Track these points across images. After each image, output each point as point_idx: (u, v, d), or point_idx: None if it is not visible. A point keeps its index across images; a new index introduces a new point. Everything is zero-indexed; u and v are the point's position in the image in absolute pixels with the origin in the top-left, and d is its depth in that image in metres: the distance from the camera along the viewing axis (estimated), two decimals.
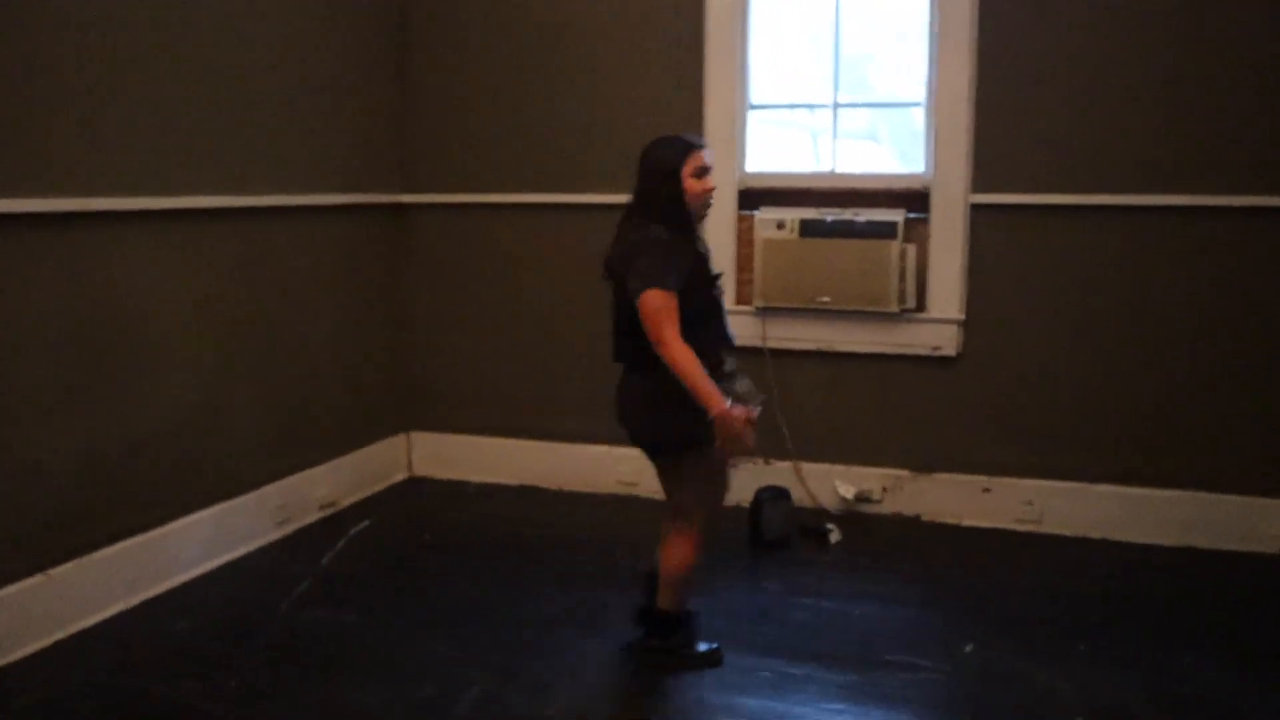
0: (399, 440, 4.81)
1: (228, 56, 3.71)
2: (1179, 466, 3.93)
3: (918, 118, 4.31)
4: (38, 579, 3.10)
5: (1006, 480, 4.12)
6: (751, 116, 4.35)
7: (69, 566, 3.19)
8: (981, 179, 4.01)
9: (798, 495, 4.25)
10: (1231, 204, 3.76)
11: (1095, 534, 4.01)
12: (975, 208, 4.03)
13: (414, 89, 4.66)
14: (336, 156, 4.30)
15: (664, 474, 2.99)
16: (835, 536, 4.02)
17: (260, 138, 3.87)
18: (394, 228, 4.70)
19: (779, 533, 3.96)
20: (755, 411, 2.68)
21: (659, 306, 2.64)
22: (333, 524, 4.20)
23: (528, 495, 4.61)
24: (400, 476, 4.82)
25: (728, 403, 2.59)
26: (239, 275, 3.82)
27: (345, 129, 4.35)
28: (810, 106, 4.43)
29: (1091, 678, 2.95)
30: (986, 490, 4.14)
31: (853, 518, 4.23)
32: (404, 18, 4.62)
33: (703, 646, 3.06)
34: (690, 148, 2.80)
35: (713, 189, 2.83)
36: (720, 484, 3.02)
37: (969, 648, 3.13)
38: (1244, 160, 3.75)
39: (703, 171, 2.79)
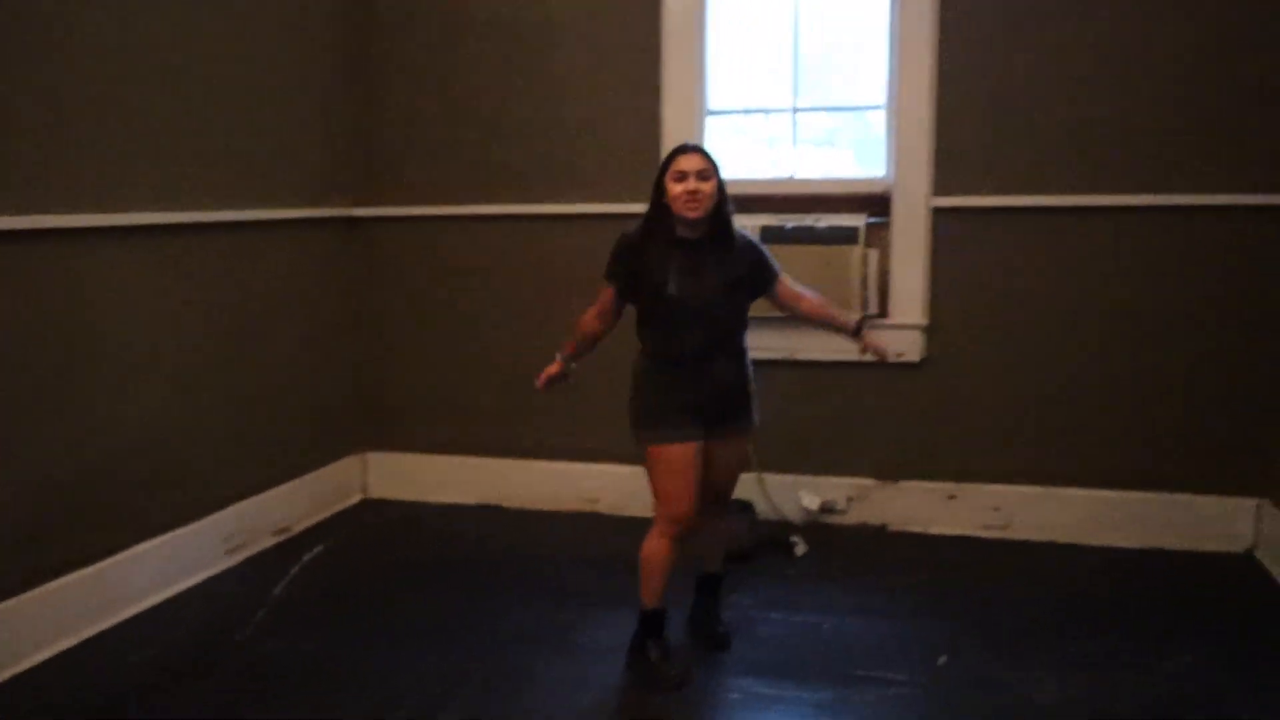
0: (354, 461, 4.68)
1: (187, 70, 3.60)
2: (1145, 468, 3.92)
3: (876, 122, 4.27)
4: None
5: (973, 486, 4.08)
6: (710, 122, 4.29)
7: (13, 602, 3.04)
8: (943, 182, 3.97)
9: (761, 508, 4.19)
10: (1194, 203, 3.75)
11: (1063, 538, 3.99)
12: (937, 211, 3.99)
13: (374, 101, 4.55)
14: (296, 170, 4.19)
15: None
16: (801, 549, 3.95)
17: (219, 151, 3.77)
18: (353, 242, 4.58)
19: (744, 547, 3.88)
20: (553, 368, 3.13)
21: (598, 291, 3.02)
22: (287, 550, 4.06)
23: (488, 514, 4.50)
24: (356, 499, 4.69)
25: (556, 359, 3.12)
26: (196, 293, 3.70)
27: (305, 142, 4.23)
28: (770, 111, 4.38)
29: (1072, 684, 2.91)
30: (952, 497, 4.10)
31: (818, 529, 4.17)
32: (363, 30, 4.51)
33: (655, 654, 3.00)
34: (675, 153, 2.89)
35: (691, 191, 2.81)
36: (675, 477, 2.89)
37: (943, 660, 3.08)
38: (1206, 159, 3.75)
39: (681, 175, 2.83)
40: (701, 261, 2.88)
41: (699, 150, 2.88)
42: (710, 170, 2.85)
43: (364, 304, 4.65)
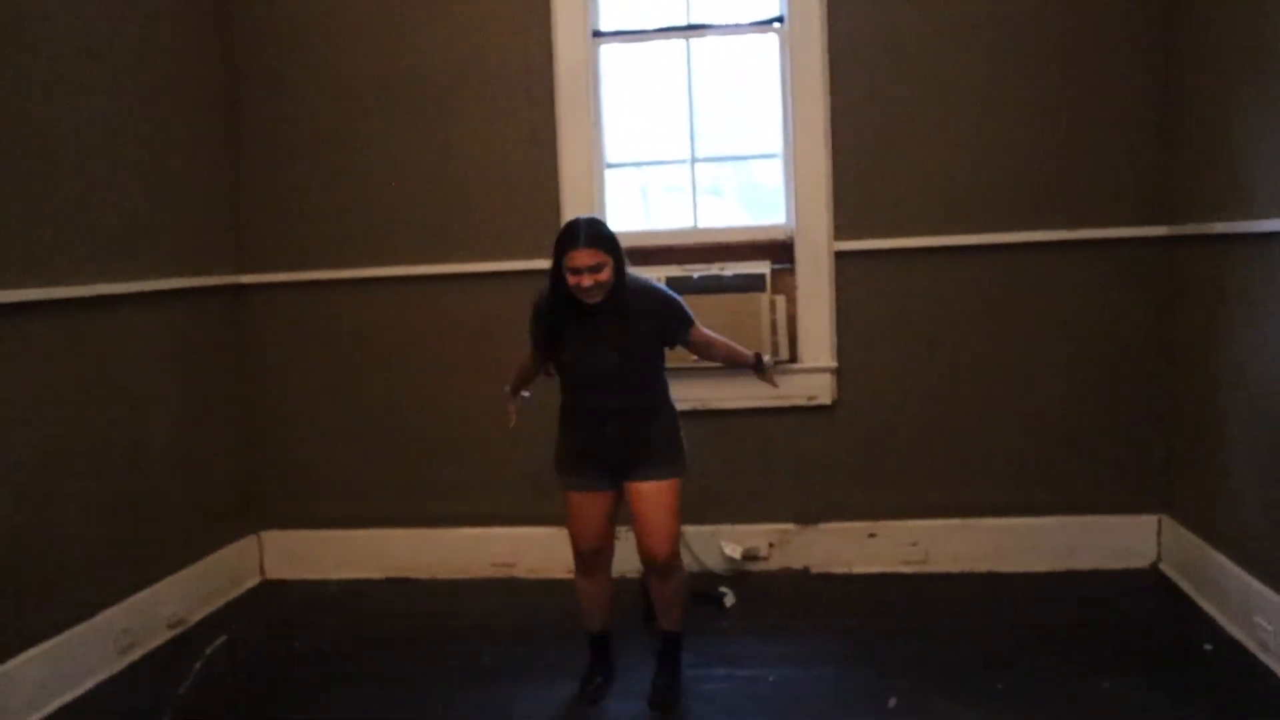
0: (249, 542, 4.40)
1: (46, 137, 3.34)
2: (1052, 494, 4.05)
3: (760, 170, 4.34)
4: None
5: (890, 523, 4.13)
6: (609, 175, 4.27)
7: None
8: (843, 227, 4.05)
9: (685, 561, 4.11)
10: (1082, 237, 3.93)
11: (981, 567, 4.07)
12: (839, 255, 4.06)
13: (246, 161, 4.34)
14: (165, 237, 3.93)
15: None
16: (730, 600, 3.91)
17: (82, 222, 3.49)
18: (231, 311, 4.34)
19: None
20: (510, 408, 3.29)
21: None
22: (184, 644, 3.77)
23: (397, 588, 4.29)
24: (253, 582, 4.40)
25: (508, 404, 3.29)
26: (61, 374, 3.39)
27: (173, 207, 3.98)
28: (667, 163, 4.39)
29: (1021, 715, 2.94)
30: (872, 535, 4.14)
31: (742, 577, 4.14)
32: (236, 88, 4.32)
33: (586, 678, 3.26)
34: (567, 240, 2.90)
35: (586, 286, 2.87)
36: (576, 519, 3.12)
37: (893, 702, 3.07)
38: (1094, 194, 3.93)
39: (574, 271, 2.87)
40: (601, 327, 2.95)
41: (591, 241, 2.85)
42: (603, 261, 2.86)
43: (250, 375, 4.41)
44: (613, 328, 2.95)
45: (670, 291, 3.11)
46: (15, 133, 3.22)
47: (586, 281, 2.86)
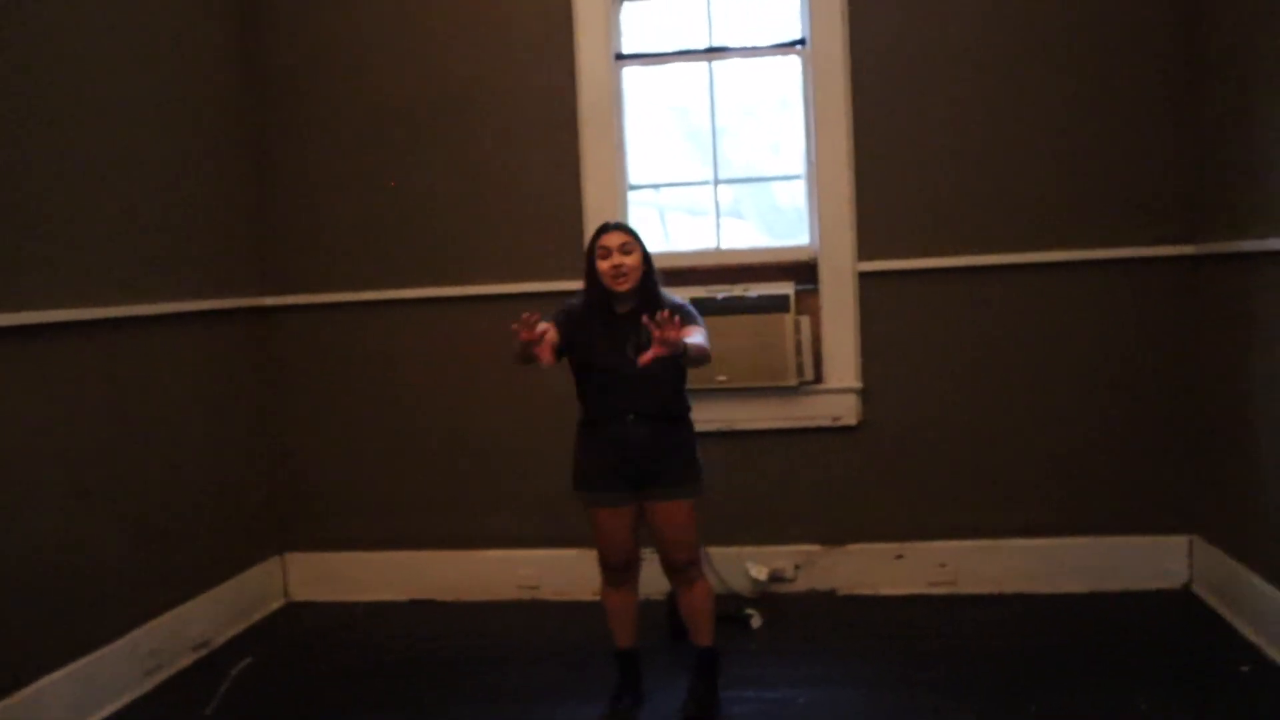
0: (273, 564, 4.40)
1: (74, 161, 3.37)
2: (1082, 514, 4.01)
3: (780, 192, 4.35)
4: None
5: (918, 544, 4.10)
6: (632, 197, 4.29)
7: None
8: (866, 247, 4.05)
9: (711, 582, 4.09)
10: (1108, 257, 3.92)
11: (1010, 589, 4.03)
12: (863, 275, 4.06)
13: (273, 184, 4.38)
14: (192, 260, 3.96)
15: None
16: (757, 621, 3.88)
17: (110, 244, 3.52)
18: (257, 333, 4.37)
19: None
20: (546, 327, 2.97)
21: None
22: (209, 666, 3.77)
23: (421, 610, 4.27)
24: (277, 604, 4.40)
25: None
26: (90, 395, 3.42)
27: (200, 230, 4.02)
28: (689, 185, 4.41)
29: None
30: (899, 556, 4.11)
31: (768, 599, 4.11)
32: (262, 112, 4.37)
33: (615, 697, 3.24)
34: (599, 232, 3.06)
35: (615, 265, 2.97)
36: (602, 535, 3.13)
37: None
38: (1119, 214, 3.92)
39: (605, 253, 2.99)
40: (625, 330, 3.01)
41: (620, 227, 3.04)
42: (633, 244, 3.01)
43: (276, 397, 4.43)
44: (639, 333, 2.96)
45: (692, 307, 3.11)
46: (44, 156, 3.26)
47: (616, 260, 2.95)
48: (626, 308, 3.03)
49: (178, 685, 3.62)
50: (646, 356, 2.72)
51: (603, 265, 2.98)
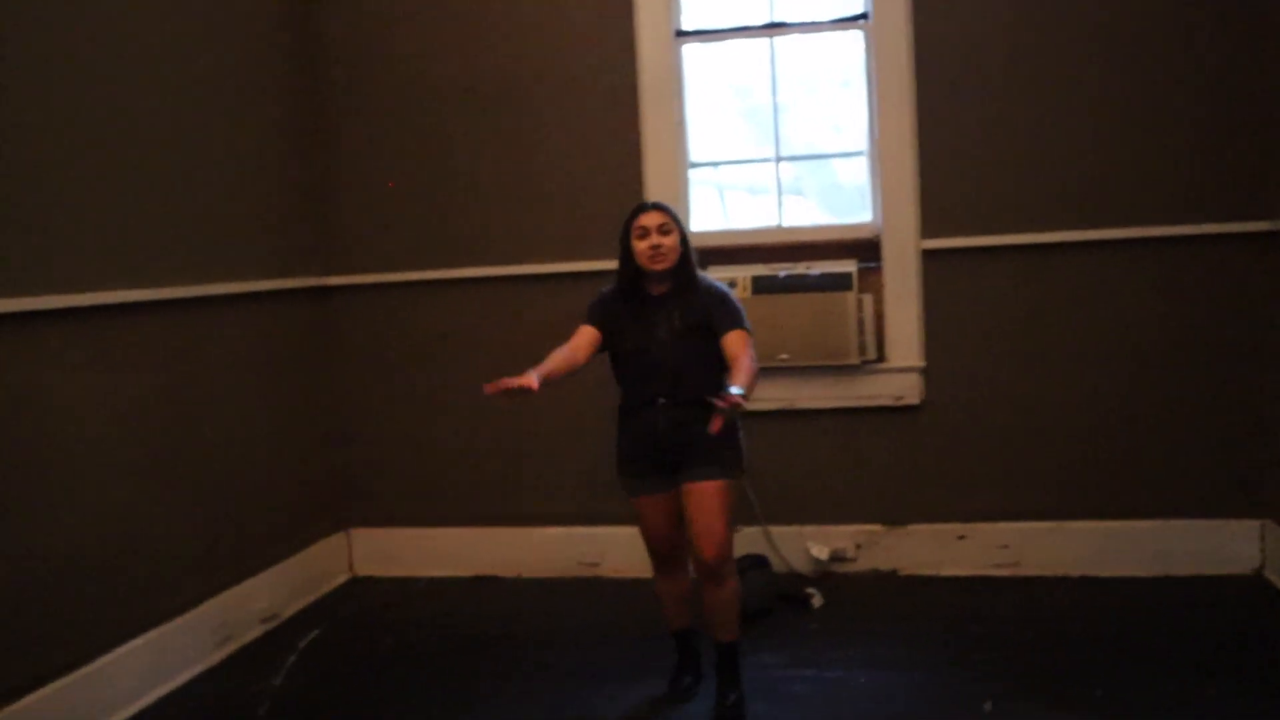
0: (338, 539, 4.48)
1: (137, 142, 3.43)
2: (1150, 497, 3.94)
3: (841, 169, 4.29)
4: None
5: (981, 526, 4.05)
6: (692, 175, 4.27)
7: None
8: (930, 225, 3.99)
9: (771, 561, 4.10)
10: (1177, 234, 3.82)
11: (1075, 572, 3.97)
12: (927, 253, 4.00)
13: (334, 165, 4.43)
14: (256, 241, 4.03)
15: None
16: (818, 601, 3.87)
17: (174, 225, 3.58)
18: (320, 312, 4.43)
19: (761, 603, 3.78)
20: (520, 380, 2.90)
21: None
22: (277, 638, 3.85)
23: (483, 587, 4.33)
24: (342, 578, 4.48)
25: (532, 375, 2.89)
26: (158, 374, 3.49)
27: (263, 211, 4.08)
28: (750, 162, 4.37)
29: None
30: (962, 537, 4.06)
31: (829, 578, 4.09)
32: (322, 92, 4.41)
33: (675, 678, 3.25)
34: (635, 212, 3.03)
35: (654, 245, 2.95)
36: (645, 523, 3.12)
37: (988, 705, 3.01)
38: (1189, 189, 3.82)
39: (643, 233, 2.96)
40: (661, 312, 2.99)
41: (658, 206, 3.02)
42: (670, 224, 2.97)
43: (338, 375, 4.49)
44: (676, 310, 2.98)
45: (734, 296, 3.06)
46: (110, 139, 3.32)
47: (654, 240, 2.92)
48: (662, 289, 3.00)
49: (247, 656, 3.71)
50: (715, 425, 2.59)
51: (640, 245, 2.96)
